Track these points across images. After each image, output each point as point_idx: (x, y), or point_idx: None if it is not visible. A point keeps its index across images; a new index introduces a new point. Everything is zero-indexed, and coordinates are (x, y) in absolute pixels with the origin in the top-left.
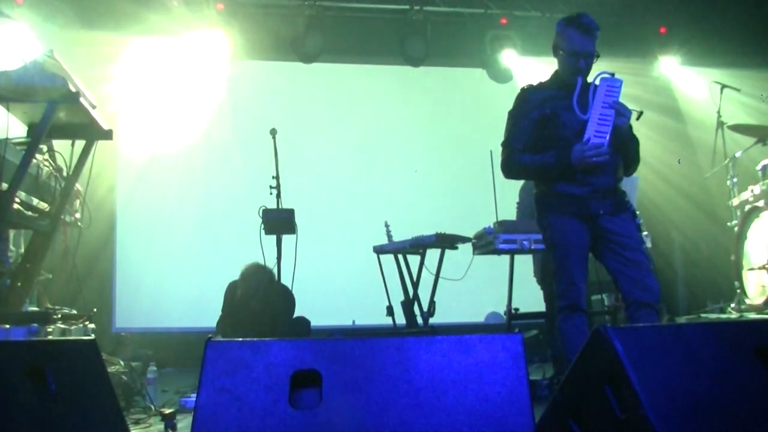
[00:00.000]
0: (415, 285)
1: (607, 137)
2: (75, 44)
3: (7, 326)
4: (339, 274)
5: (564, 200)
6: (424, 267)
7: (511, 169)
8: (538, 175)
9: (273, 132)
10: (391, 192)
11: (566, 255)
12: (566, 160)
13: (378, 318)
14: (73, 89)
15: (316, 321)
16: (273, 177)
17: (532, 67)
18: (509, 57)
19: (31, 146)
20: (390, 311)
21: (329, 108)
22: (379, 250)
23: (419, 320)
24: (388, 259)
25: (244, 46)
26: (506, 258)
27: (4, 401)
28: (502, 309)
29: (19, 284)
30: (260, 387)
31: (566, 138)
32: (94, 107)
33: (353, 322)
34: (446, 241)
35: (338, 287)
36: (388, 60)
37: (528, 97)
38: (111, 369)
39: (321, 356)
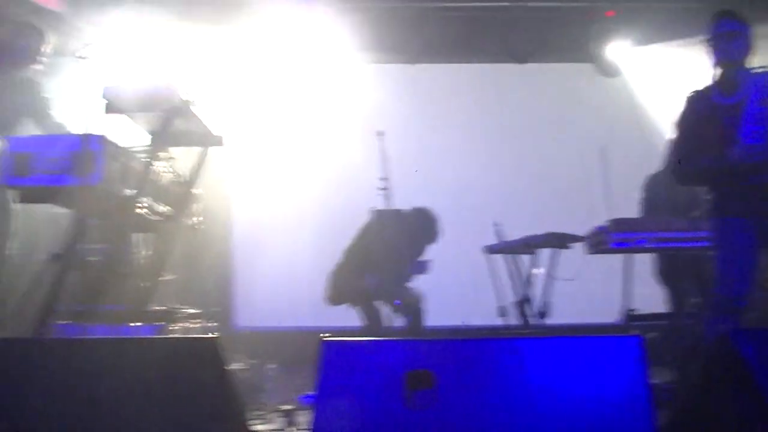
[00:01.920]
0: (528, 285)
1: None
2: (179, 42)
3: (136, 324)
4: (448, 275)
5: (731, 200)
6: (536, 267)
7: (685, 175)
8: (706, 178)
9: (380, 134)
10: (499, 191)
11: (731, 256)
12: (729, 161)
13: (487, 318)
14: (186, 98)
15: (429, 321)
16: (381, 179)
17: (643, 60)
18: (617, 50)
19: (152, 153)
20: (503, 312)
21: (434, 109)
22: (490, 250)
23: (532, 321)
24: (497, 260)
25: (350, 47)
26: (623, 257)
27: (133, 395)
28: (617, 310)
29: (146, 284)
30: (375, 386)
31: (727, 138)
32: (205, 115)
33: (462, 322)
34: (558, 240)
35: (447, 287)
36: (492, 58)
37: (691, 101)
38: (232, 366)
39: (435, 356)
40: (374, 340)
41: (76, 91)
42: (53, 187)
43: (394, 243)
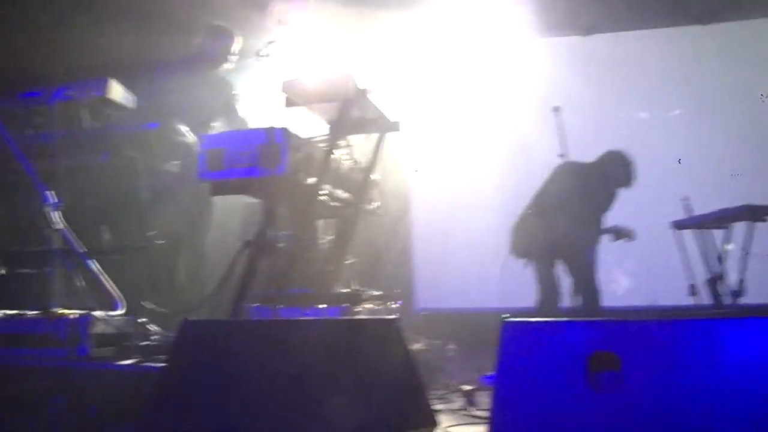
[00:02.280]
0: (720, 262)
1: None
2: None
3: (322, 306)
4: (633, 253)
5: None
6: (729, 242)
7: None
8: None
9: (556, 109)
10: (686, 163)
11: None
12: None
13: (676, 298)
14: (362, 86)
15: (613, 301)
16: (559, 155)
17: None
18: None
19: (331, 142)
20: (693, 291)
21: (610, 80)
22: (679, 226)
23: (725, 300)
24: (686, 235)
25: (521, 23)
26: None
27: (319, 374)
28: None
29: (331, 268)
30: (556, 367)
31: None
32: (382, 102)
33: (650, 302)
34: (756, 213)
35: (633, 266)
36: (670, 22)
37: None
38: (413, 347)
39: (620, 338)
40: (556, 321)
41: (260, 87)
42: (243, 180)
43: (586, 190)
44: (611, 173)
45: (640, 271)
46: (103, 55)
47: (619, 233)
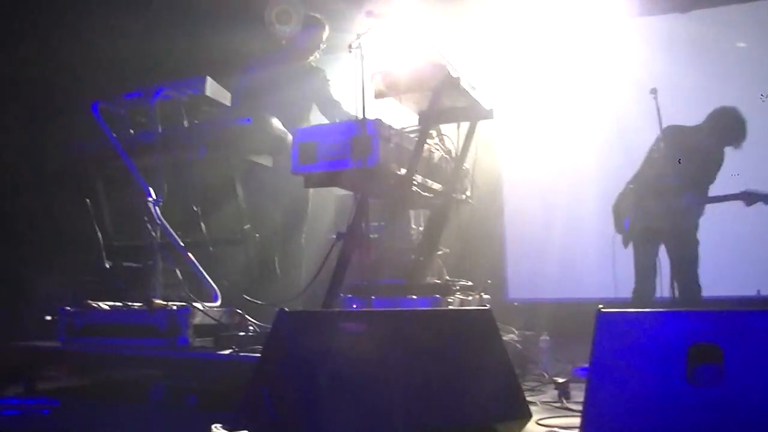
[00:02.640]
0: None
1: None
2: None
3: (414, 297)
4: (737, 240)
5: None
6: None
7: None
8: None
9: (654, 92)
10: None
11: None
12: None
13: None
14: (454, 74)
15: (713, 291)
16: (658, 139)
17: None
18: None
19: (422, 132)
20: None
21: (710, 59)
22: None
23: None
24: None
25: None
26: None
27: (412, 365)
28: None
29: (422, 258)
30: (654, 360)
31: None
32: (474, 88)
33: (758, 292)
34: None
35: (737, 254)
36: None
37: None
38: (506, 338)
39: (722, 329)
40: (654, 311)
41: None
42: (335, 172)
43: (692, 154)
44: (721, 128)
45: (743, 260)
46: (198, 54)
47: (752, 197)
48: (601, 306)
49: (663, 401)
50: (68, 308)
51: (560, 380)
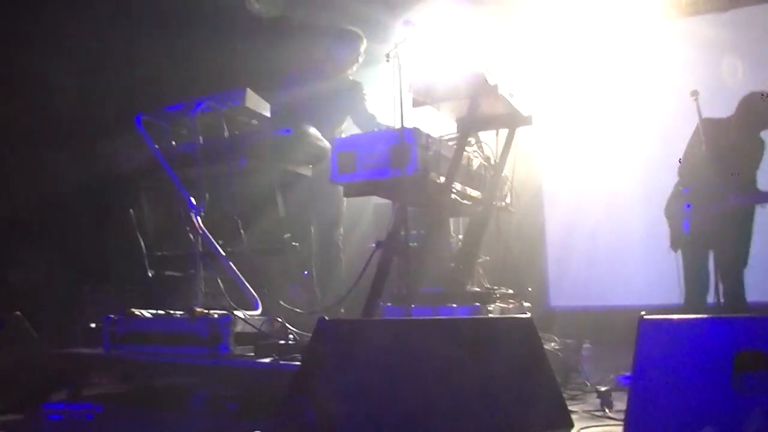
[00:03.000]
0: None
1: None
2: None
3: (454, 305)
4: None
5: None
6: None
7: None
8: None
9: (695, 94)
10: None
11: None
12: None
13: None
14: (492, 82)
15: (760, 295)
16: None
17: None
18: None
19: (460, 140)
20: None
21: (753, 58)
22: None
23: None
24: None
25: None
26: None
27: (453, 373)
28: None
29: (462, 267)
30: (698, 367)
31: None
32: (512, 95)
33: None
34: None
35: None
36: None
37: None
38: (547, 346)
39: None
40: (698, 318)
41: (388, 88)
42: (374, 180)
43: (733, 143)
44: (745, 115)
45: None
46: (239, 68)
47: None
48: (643, 313)
49: (708, 410)
50: (112, 316)
51: (602, 389)
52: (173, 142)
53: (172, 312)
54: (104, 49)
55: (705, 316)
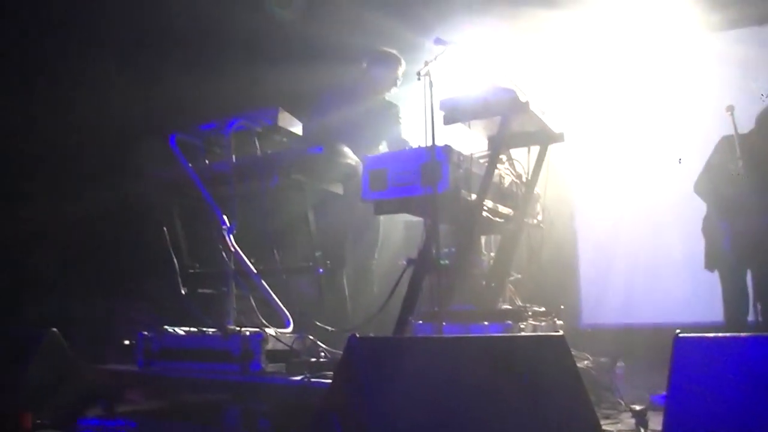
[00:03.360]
0: None
1: None
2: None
3: (486, 323)
4: None
5: None
6: None
7: None
8: None
9: (730, 109)
10: None
11: None
12: None
13: None
14: (523, 99)
15: None
16: (736, 158)
17: None
18: None
19: (492, 158)
20: None
21: None
22: None
23: None
24: None
25: (690, 17)
26: None
27: (484, 392)
28: None
29: (493, 284)
30: (735, 386)
31: None
32: (543, 112)
33: None
34: None
35: None
36: None
37: None
38: (580, 364)
39: None
40: (734, 336)
41: (419, 106)
42: (405, 198)
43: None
44: (763, 126)
45: None
46: (273, 87)
47: None
48: (678, 331)
49: (746, 429)
50: (146, 333)
51: (637, 408)
52: (206, 161)
53: (204, 329)
54: (141, 67)
55: (745, 334)
